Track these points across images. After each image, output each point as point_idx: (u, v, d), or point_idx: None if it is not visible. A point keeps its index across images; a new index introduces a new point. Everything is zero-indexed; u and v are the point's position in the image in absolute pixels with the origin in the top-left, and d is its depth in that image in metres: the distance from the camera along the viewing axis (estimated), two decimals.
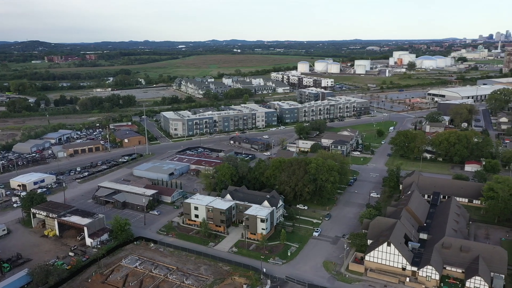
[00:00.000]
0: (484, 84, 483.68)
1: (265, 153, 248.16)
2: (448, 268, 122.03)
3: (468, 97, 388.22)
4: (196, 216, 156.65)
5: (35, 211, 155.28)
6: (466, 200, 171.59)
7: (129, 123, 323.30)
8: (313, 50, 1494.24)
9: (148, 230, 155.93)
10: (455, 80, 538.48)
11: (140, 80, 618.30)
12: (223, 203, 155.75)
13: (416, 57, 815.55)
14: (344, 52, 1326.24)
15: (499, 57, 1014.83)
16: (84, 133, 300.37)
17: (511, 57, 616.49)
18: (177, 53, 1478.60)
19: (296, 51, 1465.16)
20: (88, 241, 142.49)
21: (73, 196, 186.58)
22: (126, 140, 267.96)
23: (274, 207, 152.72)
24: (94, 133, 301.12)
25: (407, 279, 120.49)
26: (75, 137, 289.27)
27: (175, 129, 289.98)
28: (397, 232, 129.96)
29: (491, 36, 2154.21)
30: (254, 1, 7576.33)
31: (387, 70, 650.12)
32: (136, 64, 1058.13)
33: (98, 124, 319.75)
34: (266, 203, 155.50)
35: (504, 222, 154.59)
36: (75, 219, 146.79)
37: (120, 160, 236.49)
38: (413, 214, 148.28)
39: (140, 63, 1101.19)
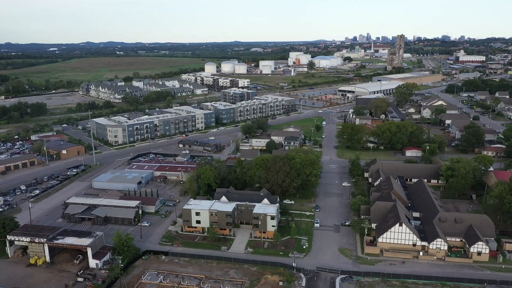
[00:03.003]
0: (378, 80, 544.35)
1: (224, 154, 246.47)
2: (448, 238, 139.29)
3: (375, 92, 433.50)
4: (198, 221, 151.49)
5: (12, 238, 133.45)
6: (426, 180, 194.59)
7: (54, 133, 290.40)
8: (199, 52, 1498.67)
9: (149, 242, 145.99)
10: (354, 77, 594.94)
11: (27, 86, 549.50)
12: (225, 206, 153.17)
13: (312, 57, 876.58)
14: (230, 53, 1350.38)
15: (374, 56, 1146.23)
16: (3, 147, 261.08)
17: (393, 56, 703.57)
18: (54, 56, 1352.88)
19: (183, 53, 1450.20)
20: (93, 262, 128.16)
21: (35, 217, 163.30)
22: (64, 152, 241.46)
23: (277, 204, 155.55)
24: (15, 147, 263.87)
25: (421, 253, 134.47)
26: None
27: (115, 136, 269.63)
28: (401, 213, 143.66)
29: (355, 38, 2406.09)
30: (128, 2, 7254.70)
31: (292, 70, 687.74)
32: (10, 69, 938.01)
33: (17, 136, 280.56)
34: (266, 200, 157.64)
35: (462, 196, 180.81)
36: (72, 240, 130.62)
37: (68, 173, 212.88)
38: (399, 196, 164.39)
39: (15, 67, 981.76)
